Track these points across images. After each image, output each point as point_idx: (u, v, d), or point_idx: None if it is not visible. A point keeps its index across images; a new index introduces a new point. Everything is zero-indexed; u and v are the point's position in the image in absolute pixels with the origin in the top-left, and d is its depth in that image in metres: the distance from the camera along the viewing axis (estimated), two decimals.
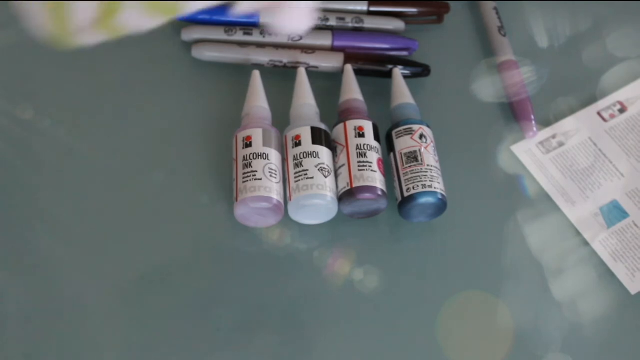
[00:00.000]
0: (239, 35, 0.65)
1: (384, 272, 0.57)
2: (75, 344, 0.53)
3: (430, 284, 0.57)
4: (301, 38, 0.66)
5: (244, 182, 0.56)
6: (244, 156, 0.57)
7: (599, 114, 0.66)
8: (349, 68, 0.64)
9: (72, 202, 0.58)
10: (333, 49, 0.66)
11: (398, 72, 0.64)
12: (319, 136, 0.59)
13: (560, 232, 0.60)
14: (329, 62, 0.65)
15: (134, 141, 0.61)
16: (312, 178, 0.57)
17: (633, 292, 0.58)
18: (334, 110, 0.62)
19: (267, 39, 0.65)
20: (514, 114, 0.65)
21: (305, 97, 0.61)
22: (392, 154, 0.60)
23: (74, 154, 0.60)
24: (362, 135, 0.59)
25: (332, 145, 0.59)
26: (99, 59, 0.65)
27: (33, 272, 0.55)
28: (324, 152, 0.58)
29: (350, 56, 0.65)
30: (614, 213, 0.61)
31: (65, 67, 0.64)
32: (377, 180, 0.57)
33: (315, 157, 0.58)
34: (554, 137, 0.64)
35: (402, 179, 0.58)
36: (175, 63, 0.65)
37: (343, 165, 0.58)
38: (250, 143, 0.58)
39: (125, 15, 0.44)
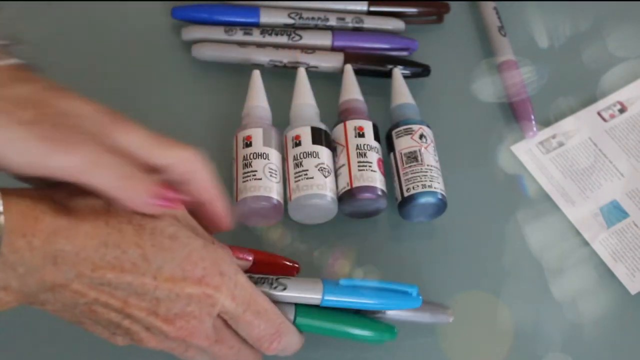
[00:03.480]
0: (239, 35, 0.65)
1: (384, 272, 0.57)
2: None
3: (430, 284, 0.57)
4: (301, 38, 0.66)
5: (243, 181, 0.56)
6: (244, 156, 0.57)
7: (599, 114, 0.66)
8: (349, 68, 0.64)
9: None
10: (333, 49, 0.66)
11: (398, 72, 0.64)
12: (319, 136, 0.59)
13: (560, 232, 0.60)
14: (329, 62, 0.65)
15: None
16: (312, 178, 0.57)
17: (633, 292, 0.58)
18: (334, 110, 0.62)
19: (267, 39, 0.65)
20: (514, 114, 0.65)
21: (305, 97, 0.61)
22: (392, 154, 0.60)
23: None
24: (362, 135, 0.59)
25: (332, 145, 0.59)
26: (99, 58, 0.65)
27: None
28: (324, 152, 0.58)
29: (350, 56, 0.65)
30: (614, 213, 0.61)
31: (65, 66, 0.64)
32: (377, 180, 0.57)
33: (315, 157, 0.58)
34: (554, 137, 0.64)
35: (402, 179, 0.58)
36: (175, 63, 0.65)
37: (343, 165, 0.58)
38: (250, 143, 0.58)
39: None
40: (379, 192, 0.57)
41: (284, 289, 0.50)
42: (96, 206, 0.44)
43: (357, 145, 0.59)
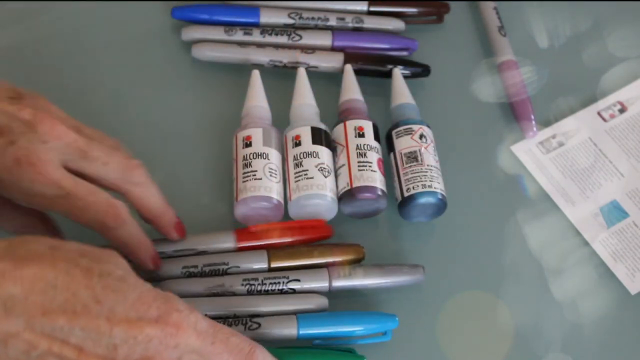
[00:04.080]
0: (239, 35, 0.65)
1: None
2: None
3: (430, 284, 0.57)
4: (301, 38, 0.66)
5: (244, 181, 0.56)
6: (243, 156, 0.57)
7: (599, 114, 0.66)
8: (348, 68, 0.64)
9: None
10: (333, 49, 0.66)
11: (398, 72, 0.64)
12: (319, 136, 0.59)
13: (560, 232, 0.60)
14: (329, 62, 0.65)
15: (133, 141, 0.61)
16: (312, 178, 0.57)
17: (633, 292, 0.58)
18: (334, 110, 0.62)
19: (267, 39, 0.65)
20: (514, 114, 0.65)
21: (305, 97, 0.61)
22: (392, 154, 0.60)
23: None
24: (362, 135, 0.59)
25: (332, 145, 0.59)
26: (98, 59, 0.65)
27: None
28: (324, 152, 0.58)
29: (350, 56, 0.65)
30: (614, 213, 0.61)
31: (64, 66, 0.64)
32: (377, 180, 0.57)
33: (315, 157, 0.58)
34: (554, 137, 0.65)
35: (402, 179, 0.58)
36: (175, 63, 0.65)
37: (343, 165, 0.58)
38: (250, 143, 0.58)
39: None
40: (379, 192, 0.57)
41: (258, 327, 0.50)
42: (40, 251, 0.42)
43: (357, 145, 0.59)
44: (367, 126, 0.60)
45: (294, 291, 0.53)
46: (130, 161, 0.51)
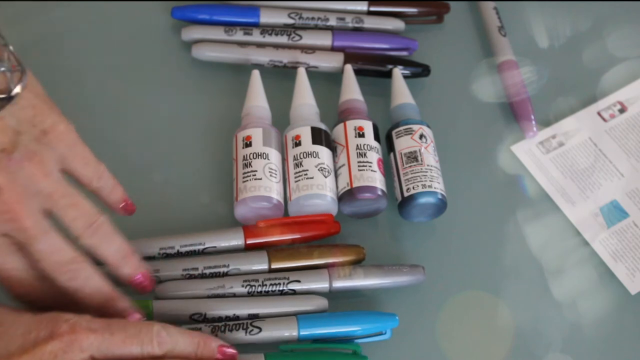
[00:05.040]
0: (239, 35, 0.65)
1: None
2: None
3: (430, 284, 0.57)
4: (301, 38, 0.66)
5: (244, 181, 0.56)
6: (243, 156, 0.57)
7: (599, 114, 0.66)
8: (349, 68, 0.64)
9: None
10: (333, 49, 0.66)
11: (398, 72, 0.64)
12: (319, 136, 0.59)
13: (560, 232, 0.60)
14: (329, 62, 0.65)
15: (133, 141, 0.61)
16: (312, 178, 0.57)
17: (633, 292, 0.58)
18: (334, 110, 0.62)
19: (267, 39, 0.65)
20: (514, 114, 0.65)
21: (305, 97, 0.61)
22: (392, 154, 0.60)
23: None
24: (362, 135, 0.59)
25: (332, 145, 0.59)
26: (98, 58, 0.65)
27: None
28: (324, 152, 0.58)
29: (350, 56, 0.65)
30: (614, 213, 0.61)
31: (64, 66, 0.64)
32: (377, 180, 0.57)
33: (315, 157, 0.58)
34: (554, 137, 0.65)
35: (402, 179, 0.58)
36: (175, 63, 0.65)
37: (343, 165, 0.58)
38: (250, 143, 0.58)
39: None
40: (379, 192, 0.57)
41: (259, 331, 0.51)
42: None
43: (357, 145, 0.59)
44: (367, 126, 0.60)
45: (294, 292, 0.53)
46: (91, 220, 0.49)
